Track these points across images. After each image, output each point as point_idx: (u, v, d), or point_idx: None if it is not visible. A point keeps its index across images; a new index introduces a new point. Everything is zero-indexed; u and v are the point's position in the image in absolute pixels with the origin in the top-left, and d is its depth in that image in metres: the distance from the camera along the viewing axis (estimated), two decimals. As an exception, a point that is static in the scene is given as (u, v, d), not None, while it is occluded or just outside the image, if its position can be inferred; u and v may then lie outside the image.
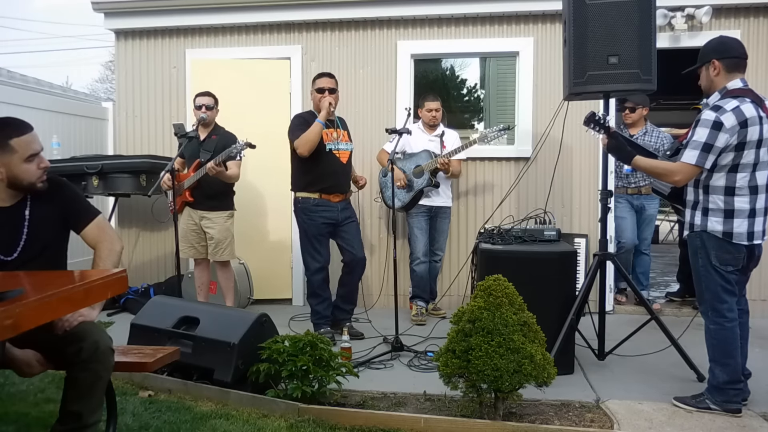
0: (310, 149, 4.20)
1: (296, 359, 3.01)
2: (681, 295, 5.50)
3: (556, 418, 2.99)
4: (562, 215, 5.30)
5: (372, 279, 5.50)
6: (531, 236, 3.85)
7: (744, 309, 3.13)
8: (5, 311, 1.36)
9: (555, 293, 3.52)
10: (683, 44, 5.12)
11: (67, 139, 5.80)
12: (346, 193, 4.45)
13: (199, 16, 5.57)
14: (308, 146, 4.19)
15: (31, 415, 2.98)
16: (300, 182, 4.38)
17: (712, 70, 3.00)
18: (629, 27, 3.39)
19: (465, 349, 2.78)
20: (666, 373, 3.58)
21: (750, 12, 5.18)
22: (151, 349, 2.80)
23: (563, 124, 4.07)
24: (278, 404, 2.99)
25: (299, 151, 4.23)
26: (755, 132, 2.87)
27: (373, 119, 5.36)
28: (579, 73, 3.49)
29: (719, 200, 2.93)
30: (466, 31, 5.44)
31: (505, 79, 5.65)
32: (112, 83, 19.63)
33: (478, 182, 5.45)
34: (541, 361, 2.76)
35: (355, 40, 5.55)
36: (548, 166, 5.02)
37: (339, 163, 4.36)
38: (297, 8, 5.45)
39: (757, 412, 3.03)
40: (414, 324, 4.79)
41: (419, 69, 5.66)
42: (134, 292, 5.40)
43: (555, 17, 5.20)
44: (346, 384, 3.21)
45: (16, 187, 2.40)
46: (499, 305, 2.80)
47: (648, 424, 2.91)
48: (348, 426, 2.88)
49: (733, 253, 2.95)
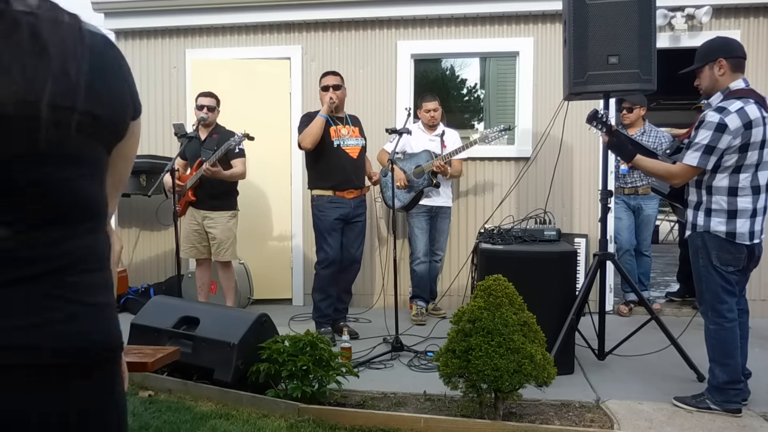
0: (312, 142, 4.24)
1: (296, 359, 3.01)
2: (681, 295, 5.49)
3: (556, 418, 2.99)
4: (562, 215, 5.29)
5: (372, 279, 5.50)
6: (531, 236, 3.85)
7: (744, 309, 3.12)
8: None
9: (555, 293, 3.52)
10: (683, 44, 5.11)
11: (67, 139, 5.79)
12: (360, 188, 4.47)
13: (199, 16, 5.57)
14: (310, 139, 4.23)
15: (31, 415, 2.98)
16: (313, 179, 4.45)
17: (718, 70, 2.98)
18: (629, 27, 3.39)
19: (465, 349, 2.78)
20: (666, 373, 3.58)
21: (750, 12, 5.18)
22: (151, 349, 2.80)
23: (563, 124, 4.07)
24: (278, 404, 2.99)
25: (302, 144, 4.29)
26: (759, 133, 2.86)
27: (373, 119, 5.35)
28: (579, 73, 3.49)
29: (722, 201, 2.93)
30: (466, 31, 5.44)
31: (505, 79, 5.65)
32: (112, 83, 19.55)
33: (478, 182, 5.45)
34: (541, 361, 2.76)
35: (355, 40, 5.55)
36: (548, 166, 5.01)
37: (349, 158, 4.38)
38: (297, 8, 5.45)
39: (757, 412, 3.03)
40: (414, 324, 4.79)
41: (419, 69, 5.66)
42: (134, 292, 5.40)
43: (555, 17, 5.20)
44: (346, 384, 3.21)
45: None
46: (499, 305, 2.80)
47: (648, 424, 2.91)
48: (348, 426, 2.88)
49: (734, 253, 2.95)
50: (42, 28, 0.90)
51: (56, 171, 0.91)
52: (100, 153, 0.99)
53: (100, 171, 0.99)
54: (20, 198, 0.88)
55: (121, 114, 1.03)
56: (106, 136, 0.99)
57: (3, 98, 0.85)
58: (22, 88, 0.86)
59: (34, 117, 0.87)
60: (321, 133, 4.24)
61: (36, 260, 0.90)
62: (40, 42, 0.89)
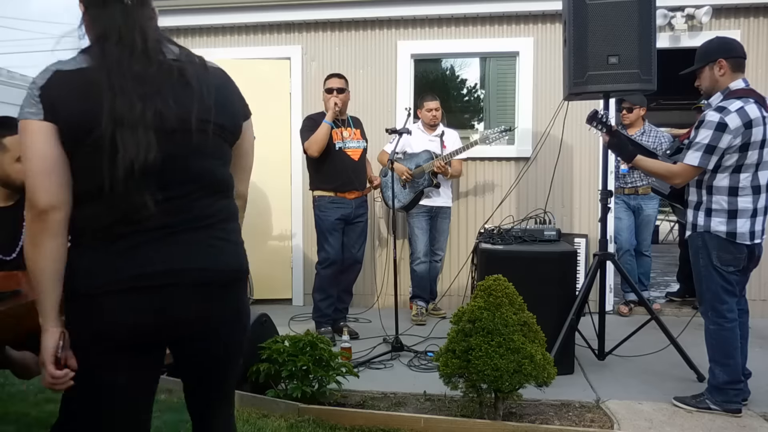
0: (318, 150, 4.26)
1: (296, 359, 3.01)
2: (681, 295, 5.49)
3: (556, 418, 2.99)
4: (562, 215, 5.29)
5: (372, 279, 5.50)
6: (531, 236, 3.85)
7: (744, 309, 3.13)
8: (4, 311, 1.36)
9: (555, 293, 3.52)
10: (683, 44, 5.11)
11: (67, 139, 5.79)
12: (361, 190, 4.48)
13: (199, 16, 5.56)
14: (316, 147, 4.26)
15: (31, 415, 2.98)
16: (315, 181, 4.47)
17: (718, 70, 2.98)
18: (629, 27, 3.39)
19: (465, 349, 2.78)
20: (666, 373, 3.58)
21: (750, 12, 5.17)
22: (151, 349, 2.80)
23: (563, 124, 4.07)
24: (278, 404, 2.99)
25: (309, 152, 4.31)
26: (759, 132, 2.86)
27: (373, 119, 5.35)
28: (579, 73, 3.49)
29: (723, 201, 2.93)
30: (466, 31, 5.44)
31: (505, 79, 5.65)
32: (112, 83, 19.57)
33: (478, 182, 5.45)
34: (541, 361, 2.76)
35: (355, 40, 5.55)
36: (548, 166, 5.01)
37: (350, 160, 4.39)
38: (297, 8, 5.44)
39: (757, 412, 3.03)
40: (414, 324, 4.79)
41: (419, 69, 5.66)
42: (134, 292, 5.39)
43: (555, 17, 5.20)
44: (346, 384, 3.21)
45: (9, 187, 2.39)
46: (499, 305, 2.80)
47: (648, 424, 2.91)
48: (348, 426, 2.88)
49: (734, 253, 2.94)
50: (185, 68, 1.44)
51: (206, 161, 1.46)
52: (227, 149, 1.53)
53: (228, 161, 1.54)
54: (193, 178, 1.44)
55: (236, 120, 1.55)
56: (229, 137, 1.53)
57: (168, 118, 1.38)
58: (178, 110, 1.39)
59: (188, 129, 1.40)
60: (327, 139, 4.26)
61: (203, 216, 1.46)
62: (185, 78, 1.43)
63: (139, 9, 1.44)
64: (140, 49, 1.41)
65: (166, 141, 1.38)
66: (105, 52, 1.39)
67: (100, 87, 1.35)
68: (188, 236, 1.43)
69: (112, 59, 1.38)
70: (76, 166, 1.37)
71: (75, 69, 1.39)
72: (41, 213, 1.35)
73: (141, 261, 1.38)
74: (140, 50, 1.41)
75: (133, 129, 1.35)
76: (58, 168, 1.36)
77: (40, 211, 1.35)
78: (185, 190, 1.43)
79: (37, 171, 1.35)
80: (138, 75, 1.38)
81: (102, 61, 1.38)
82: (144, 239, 1.38)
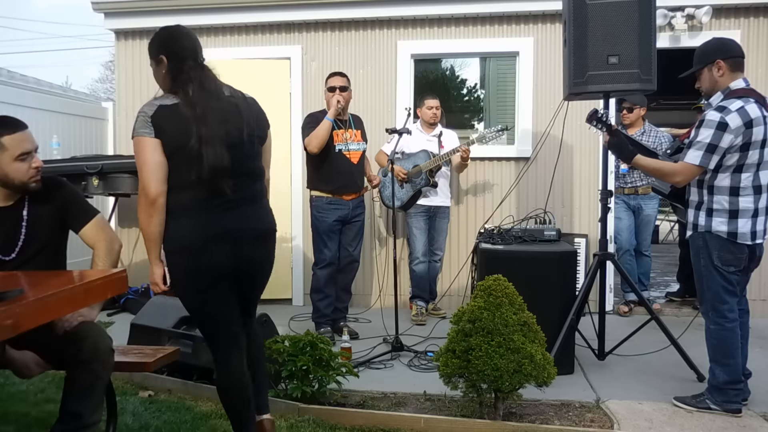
0: (319, 146, 4.23)
1: (296, 359, 3.01)
2: (681, 295, 5.49)
3: (556, 418, 2.99)
4: (562, 215, 5.29)
5: (372, 279, 5.50)
6: (531, 236, 3.84)
7: (744, 309, 3.12)
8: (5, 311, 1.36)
9: (555, 293, 3.52)
10: (683, 44, 5.11)
11: (67, 139, 5.79)
12: (358, 191, 4.48)
13: (200, 16, 5.56)
14: (316, 143, 4.23)
15: (31, 415, 2.98)
16: (313, 180, 4.45)
17: (717, 71, 2.98)
18: (629, 27, 3.39)
19: (465, 349, 2.78)
20: (666, 373, 3.58)
21: (750, 12, 5.17)
22: (151, 349, 2.81)
23: (563, 124, 4.07)
24: (278, 404, 2.99)
25: (309, 148, 4.28)
26: (760, 132, 2.86)
27: (373, 119, 5.35)
28: (579, 73, 3.49)
29: (724, 201, 2.93)
30: (466, 31, 5.44)
31: (505, 79, 5.65)
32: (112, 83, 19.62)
33: (478, 182, 5.45)
34: (541, 361, 2.76)
35: (355, 40, 5.55)
36: (548, 166, 5.01)
37: (349, 163, 4.39)
38: (297, 8, 5.45)
39: (757, 412, 3.03)
40: (414, 324, 4.79)
41: (419, 69, 5.66)
42: (134, 292, 5.39)
43: (555, 17, 5.20)
44: (346, 384, 3.21)
45: (8, 187, 2.38)
46: (499, 305, 2.80)
47: (648, 424, 2.91)
48: (348, 426, 2.88)
49: (735, 253, 2.94)
50: (237, 102, 2.32)
51: (253, 161, 2.33)
52: (260, 149, 2.40)
53: (261, 157, 2.40)
54: (246, 172, 2.28)
55: (265, 131, 2.44)
56: (262, 142, 2.40)
57: (233, 136, 2.22)
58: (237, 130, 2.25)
59: (242, 142, 2.26)
60: (328, 136, 4.24)
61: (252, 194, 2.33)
62: (238, 109, 2.30)
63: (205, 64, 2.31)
64: (213, 92, 2.24)
65: (232, 150, 2.19)
66: (191, 93, 2.18)
67: (189, 117, 2.14)
68: (246, 207, 2.27)
69: (196, 98, 2.17)
70: (173, 167, 2.15)
71: (171, 104, 2.17)
72: (153, 199, 2.13)
73: (221, 223, 2.19)
74: (213, 92, 2.23)
75: (213, 145, 2.14)
76: (162, 169, 2.14)
77: (152, 198, 2.13)
78: (243, 178, 2.26)
79: (150, 171, 2.13)
80: (213, 108, 2.19)
81: (189, 99, 2.17)
82: (221, 210, 2.20)
